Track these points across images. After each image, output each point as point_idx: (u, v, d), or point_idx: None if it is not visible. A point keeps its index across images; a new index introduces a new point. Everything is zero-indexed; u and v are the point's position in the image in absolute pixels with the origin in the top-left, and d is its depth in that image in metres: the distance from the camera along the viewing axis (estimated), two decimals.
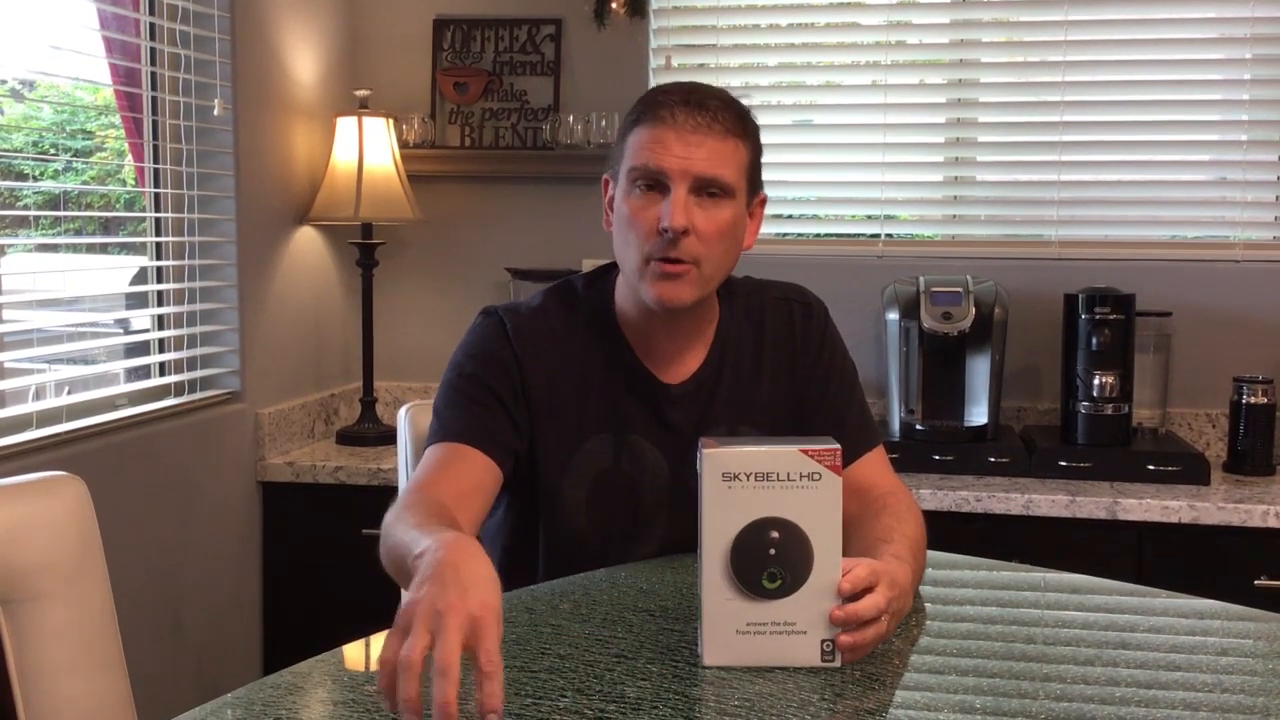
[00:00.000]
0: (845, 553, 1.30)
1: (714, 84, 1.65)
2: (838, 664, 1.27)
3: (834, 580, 1.27)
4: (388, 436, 3.01)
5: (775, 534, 1.26)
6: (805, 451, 1.26)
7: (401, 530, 1.34)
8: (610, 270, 1.72)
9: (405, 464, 1.97)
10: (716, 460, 1.27)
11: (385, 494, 2.56)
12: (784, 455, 1.26)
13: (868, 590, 1.29)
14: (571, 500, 1.67)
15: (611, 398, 1.68)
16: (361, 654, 1.37)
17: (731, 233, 1.60)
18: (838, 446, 1.27)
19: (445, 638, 1.01)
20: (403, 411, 1.98)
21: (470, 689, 1.02)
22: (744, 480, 1.26)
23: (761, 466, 1.26)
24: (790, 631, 1.27)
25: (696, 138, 1.55)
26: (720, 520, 1.27)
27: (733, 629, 1.27)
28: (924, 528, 1.60)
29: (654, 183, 1.56)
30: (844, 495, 1.69)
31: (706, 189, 1.56)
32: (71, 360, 2.52)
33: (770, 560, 1.26)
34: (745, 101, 1.65)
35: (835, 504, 1.27)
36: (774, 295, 1.77)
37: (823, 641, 1.27)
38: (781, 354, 1.74)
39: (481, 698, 1.00)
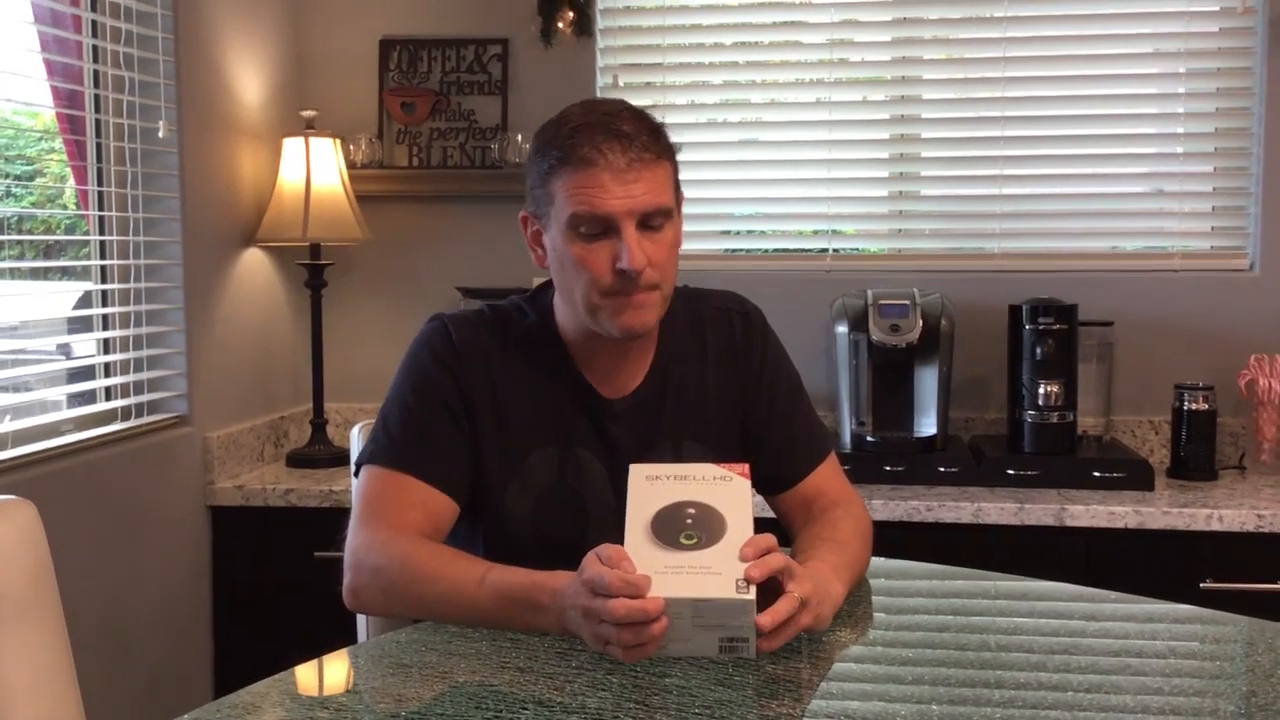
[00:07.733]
0: None
1: (659, 103, 1.64)
2: (751, 597, 1.30)
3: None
4: (339, 458, 2.99)
5: (692, 510, 1.40)
6: (718, 464, 1.46)
7: (456, 579, 1.46)
8: (548, 288, 1.72)
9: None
10: (640, 469, 1.45)
11: (337, 516, 2.54)
12: (699, 466, 1.47)
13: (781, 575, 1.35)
14: (517, 513, 1.66)
15: (555, 410, 1.68)
16: (315, 675, 1.37)
17: (677, 247, 1.63)
18: (746, 466, 1.45)
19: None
20: (354, 432, 1.97)
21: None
22: (665, 479, 1.43)
23: (679, 472, 1.45)
24: (706, 572, 1.33)
25: (632, 173, 1.53)
26: (642, 504, 1.40)
27: (652, 570, 1.33)
28: (864, 527, 1.65)
29: (601, 228, 1.55)
30: (793, 509, 1.74)
31: (651, 220, 1.56)
32: (15, 388, 2.48)
33: (688, 527, 1.38)
34: (690, 119, 1.66)
35: (745, 497, 1.41)
36: (713, 305, 1.78)
37: (737, 581, 1.32)
38: (726, 367, 1.74)
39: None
